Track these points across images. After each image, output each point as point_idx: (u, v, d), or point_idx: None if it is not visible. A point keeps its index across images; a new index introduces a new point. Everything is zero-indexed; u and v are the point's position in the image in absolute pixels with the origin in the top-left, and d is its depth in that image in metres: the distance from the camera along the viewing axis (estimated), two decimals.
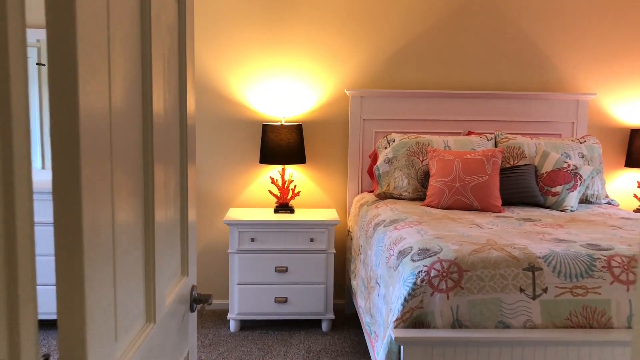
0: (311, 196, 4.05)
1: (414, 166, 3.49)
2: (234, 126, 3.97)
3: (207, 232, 4.05)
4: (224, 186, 4.02)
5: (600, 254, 2.15)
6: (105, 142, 0.82)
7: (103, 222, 0.81)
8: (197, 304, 1.42)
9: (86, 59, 0.73)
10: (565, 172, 3.35)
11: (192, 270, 1.45)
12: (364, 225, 3.22)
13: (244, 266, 3.65)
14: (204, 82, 3.92)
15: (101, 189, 0.81)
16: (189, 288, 1.40)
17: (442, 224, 2.69)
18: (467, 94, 3.93)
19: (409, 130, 3.93)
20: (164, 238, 1.18)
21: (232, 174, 4.01)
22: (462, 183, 3.21)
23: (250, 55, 3.93)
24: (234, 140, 3.98)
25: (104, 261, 0.82)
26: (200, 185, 4.00)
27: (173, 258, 1.28)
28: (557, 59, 4.03)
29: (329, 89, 3.98)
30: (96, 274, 0.78)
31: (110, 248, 0.85)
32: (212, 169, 4.00)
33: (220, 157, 3.99)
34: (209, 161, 4.00)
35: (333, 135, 4.02)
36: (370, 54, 3.97)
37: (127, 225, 0.94)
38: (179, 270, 1.35)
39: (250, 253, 3.65)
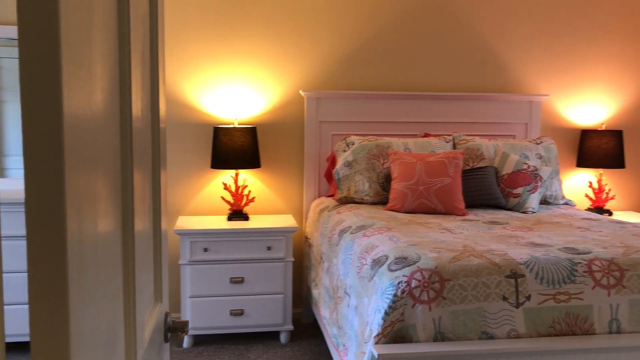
0: (266, 202, 3.88)
1: (374, 169, 3.38)
2: (183, 129, 3.74)
3: None
4: (172, 193, 3.78)
5: (580, 258, 2.10)
6: (87, 149, 0.65)
7: (87, 236, 0.66)
8: (172, 332, 1.24)
9: (70, 55, 0.57)
10: (525, 174, 3.33)
11: (166, 291, 1.26)
12: (327, 232, 3.08)
13: (197, 278, 3.43)
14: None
15: (84, 200, 0.65)
16: (163, 314, 1.22)
17: (412, 230, 2.58)
18: (424, 96, 3.87)
19: (367, 133, 3.83)
20: (142, 256, 0.99)
21: (182, 180, 3.78)
22: (425, 186, 3.13)
23: (203, 63, 3.72)
24: (183, 144, 3.75)
25: (89, 281, 0.67)
26: None
27: (149, 279, 1.10)
28: (511, 61, 4.04)
29: (283, 90, 3.82)
30: (81, 295, 0.63)
31: (94, 266, 0.69)
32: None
33: (168, 161, 3.75)
34: None
35: (289, 138, 3.86)
36: (325, 54, 3.84)
37: (106, 240, 0.77)
38: (153, 294, 1.16)
39: (203, 264, 3.43)
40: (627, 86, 4.18)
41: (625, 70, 4.16)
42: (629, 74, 4.17)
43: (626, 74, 4.17)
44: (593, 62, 4.12)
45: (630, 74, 4.17)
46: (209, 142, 3.76)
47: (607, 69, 4.14)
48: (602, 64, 4.13)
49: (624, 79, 4.17)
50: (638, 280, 2.05)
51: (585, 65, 4.12)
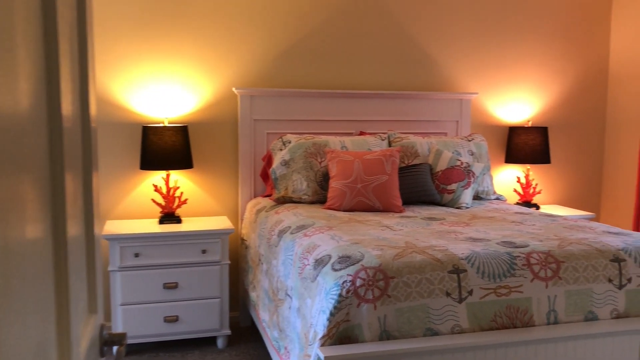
0: (200, 204, 3.75)
1: (312, 168, 3.34)
2: (111, 129, 3.55)
3: None
4: (99, 196, 3.58)
5: (519, 251, 2.14)
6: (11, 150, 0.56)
7: (13, 243, 0.57)
8: (108, 346, 1.14)
9: None
10: (459, 170, 3.39)
11: (100, 302, 1.16)
12: (265, 233, 3.01)
13: (128, 285, 3.26)
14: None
15: (9, 205, 0.56)
16: (98, 327, 1.11)
17: (353, 228, 2.56)
18: (358, 94, 3.86)
19: (303, 131, 3.78)
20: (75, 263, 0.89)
21: (109, 182, 3.59)
22: (363, 184, 3.12)
23: (132, 61, 3.55)
24: (110, 145, 3.56)
25: (16, 292, 0.58)
26: None
27: (82, 289, 1.00)
28: (442, 60, 4.11)
29: (216, 88, 3.71)
30: (7, 309, 0.54)
31: (22, 276, 0.60)
32: None
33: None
34: None
35: (222, 137, 3.76)
36: (259, 51, 3.76)
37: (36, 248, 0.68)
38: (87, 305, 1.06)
39: (134, 270, 3.27)
40: (551, 85, 4.35)
41: (550, 69, 4.34)
42: (553, 73, 4.35)
43: (550, 73, 4.34)
44: (520, 62, 4.27)
45: (554, 73, 4.35)
46: (138, 142, 3.59)
47: (532, 68, 4.30)
48: (528, 64, 4.28)
49: (549, 78, 4.34)
50: (573, 272, 2.11)
51: (512, 64, 4.26)
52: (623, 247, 2.24)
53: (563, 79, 4.38)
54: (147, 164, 3.41)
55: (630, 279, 2.17)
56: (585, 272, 2.12)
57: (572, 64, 4.39)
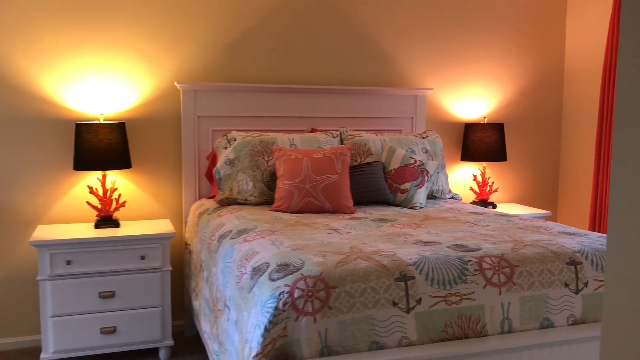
0: (140, 206, 3.52)
1: (259, 167, 3.15)
2: (41, 126, 3.29)
3: (9, 257, 3.30)
4: (29, 199, 3.31)
5: (470, 255, 1.99)
6: None
7: None
8: None
9: None
10: (412, 168, 3.25)
11: None
12: (206, 238, 2.80)
13: (59, 295, 3.01)
14: (8, 80, 3.19)
15: None
16: None
17: (298, 232, 2.38)
18: (309, 89, 3.69)
19: (250, 128, 3.58)
20: None
21: (40, 184, 3.32)
22: (312, 184, 2.94)
23: (65, 54, 3.28)
24: (41, 143, 3.30)
25: None
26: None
27: None
28: (396, 55, 3.97)
29: (157, 83, 3.47)
30: None
31: None
32: (9, 178, 3.27)
33: (21, 163, 3.28)
34: (4, 169, 3.26)
35: (164, 134, 3.53)
36: (204, 44, 3.54)
37: None
38: None
39: (66, 278, 3.02)
40: (508, 81, 4.27)
41: (506, 65, 4.25)
42: (509, 69, 4.26)
43: (506, 69, 4.25)
44: (476, 57, 4.16)
45: (510, 69, 4.26)
46: (71, 141, 3.33)
47: (488, 64, 4.20)
48: (484, 59, 4.18)
49: (505, 74, 4.25)
50: (527, 277, 1.98)
51: (468, 60, 4.15)
52: (579, 249, 2.13)
53: (519, 75, 4.30)
54: (81, 164, 3.16)
55: (587, 282, 2.05)
56: (541, 277, 1.99)
57: (528, 60, 4.31)
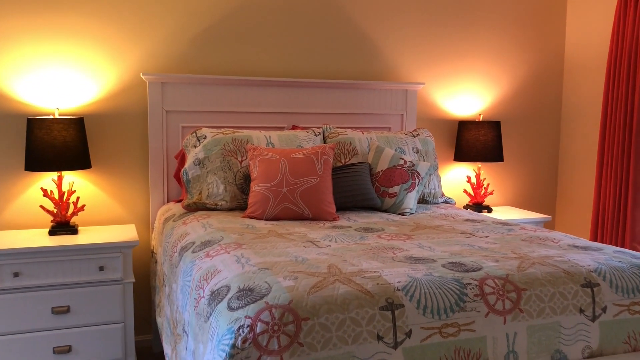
0: (102, 210, 3.18)
1: (231, 168, 2.83)
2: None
3: None
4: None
5: (470, 277, 1.69)
6: None
7: None
8: None
9: None
10: (402, 170, 2.94)
11: None
12: (169, 249, 2.48)
13: (6, 311, 2.68)
14: None
15: None
16: None
17: (269, 245, 2.06)
18: (290, 82, 3.37)
19: (224, 125, 3.26)
20: None
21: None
22: (289, 187, 2.62)
23: (16, 41, 2.94)
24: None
25: None
26: None
27: None
28: (385, 47, 3.65)
29: (120, 74, 3.14)
30: None
31: None
32: None
33: None
34: None
35: (128, 131, 3.19)
36: (173, 32, 3.21)
37: None
38: None
39: (13, 292, 2.69)
40: (504, 76, 3.97)
41: (503, 60, 3.95)
42: (506, 64, 3.96)
43: (503, 64, 3.95)
44: (471, 51, 3.86)
45: (507, 64, 3.96)
46: (23, 138, 2.99)
47: (484, 58, 3.90)
48: (480, 53, 3.88)
49: (501, 68, 3.95)
50: (537, 302, 1.68)
51: (463, 53, 3.84)
52: (595, 268, 1.83)
53: (517, 70, 4.00)
54: (33, 164, 2.82)
55: (605, 308, 1.75)
56: (552, 302, 1.69)
57: (527, 55, 4.01)
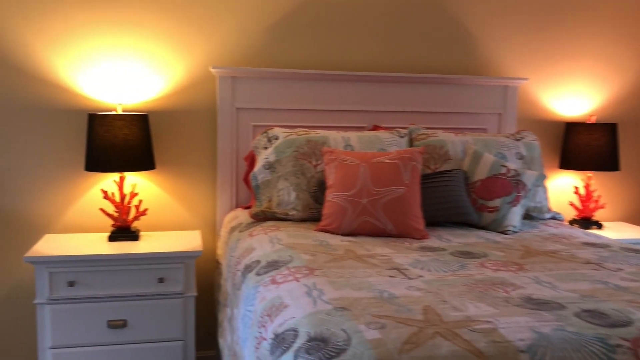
0: (165, 215, 2.94)
1: (304, 174, 2.49)
2: (54, 117, 2.76)
3: (12, 272, 2.80)
4: (35, 203, 2.79)
5: (616, 334, 1.25)
6: None
7: None
8: None
9: None
10: (504, 180, 2.50)
11: None
12: (232, 264, 2.17)
13: (60, 322, 2.48)
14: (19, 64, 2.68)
15: None
16: None
17: (347, 271, 1.70)
18: (373, 77, 2.99)
19: (298, 124, 2.93)
20: None
21: (50, 186, 2.80)
22: (370, 198, 2.25)
23: (82, 34, 2.74)
24: (52, 137, 2.77)
25: None
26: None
27: None
28: (480, 37, 3.20)
29: (188, 67, 2.88)
30: None
31: None
32: (13, 178, 2.76)
33: (27, 160, 2.76)
34: (13, 166, 2.76)
35: (195, 129, 2.93)
36: (246, 22, 2.91)
37: None
38: None
39: (68, 303, 2.48)
40: (622, 70, 3.40)
41: (618, 53, 3.38)
42: (622, 59, 3.39)
43: (618, 59, 3.39)
44: (580, 43, 3.32)
45: (622, 58, 3.39)
46: (84, 135, 2.79)
47: (599, 49, 3.35)
48: (590, 47, 3.34)
49: (619, 60, 3.39)
50: None
51: (571, 45, 3.32)
52: None
53: (636, 66, 3.42)
54: (92, 164, 2.60)
55: None
56: None
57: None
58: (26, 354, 2.84)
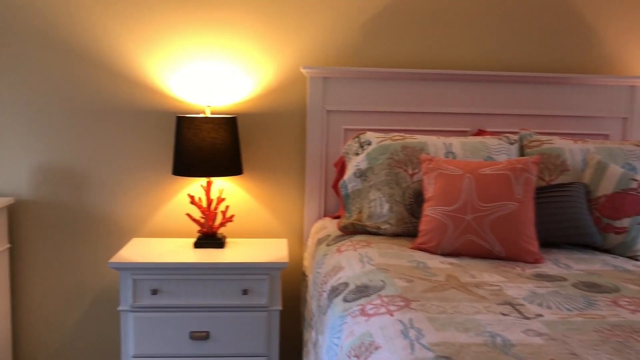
0: (251, 221, 2.81)
1: (399, 183, 2.26)
2: (144, 118, 2.72)
3: (98, 275, 2.78)
4: (125, 206, 2.76)
5: None
6: None
7: None
8: None
9: None
10: (635, 197, 2.13)
11: None
12: (318, 282, 1.99)
13: (143, 330, 2.41)
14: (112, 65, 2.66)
15: None
16: None
17: (449, 305, 1.45)
18: (477, 76, 2.70)
19: (393, 128, 2.70)
20: None
21: (138, 188, 2.75)
22: (476, 214, 1.98)
23: (172, 34, 2.67)
24: (142, 139, 2.73)
25: None
26: (85, 204, 2.74)
27: None
28: (604, 31, 2.81)
29: (278, 68, 2.73)
30: None
31: None
32: (103, 179, 2.74)
33: (118, 162, 2.73)
34: (103, 168, 2.74)
35: (284, 132, 2.78)
36: (339, 19, 2.72)
37: None
38: None
39: (151, 311, 2.41)
40: None
41: None
42: None
43: None
44: None
45: None
46: (172, 138, 2.73)
47: None
48: None
49: None
50: None
51: None
52: None
53: None
54: (180, 168, 2.52)
55: None
56: None
57: None
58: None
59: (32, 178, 2.71)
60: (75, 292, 2.77)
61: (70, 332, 2.79)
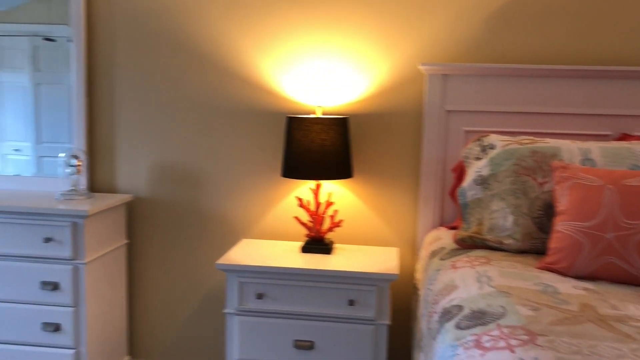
0: (361, 227, 2.68)
1: (526, 193, 2.00)
2: (257, 119, 2.69)
3: (208, 276, 2.79)
4: (234, 207, 2.75)
5: None
6: None
7: None
8: None
9: None
10: None
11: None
12: (429, 300, 1.80)
13: (248, 334, 2.37)
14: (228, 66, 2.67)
15: None
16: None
17: (585, 343, 1.21)
18: (616, 72, 2.35)
19: (520, 130, 2.43)
20: None
21: (249, 190, 2.73)
22: (619, 233, 1.69)
23: (287, 34, 2.62)
24: (255, 140, 2.70)
25: None
26: (198, 203, 2.76)
27: None
28: None
29: (393, 65, 2.57)
30: None
31: None
32: (215, 180, 2.74)
33: (231, 162, 2.72)
34: (216, 168, 2.74)
35: (398, 134, 2.61)
36: (460, 12, 2.51)
37: None
38: None
39: (256, 316, 2.36)
40: None
41: None
42: None
43: None
44: None
45: None
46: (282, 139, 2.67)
47: None
48: None
49: None
50: None
51: None
52: None
53: None
54: (289, 170, 2.45)
55: None
56: None
57: None
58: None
59: (150, 176, 2.78)
60: (186, 290, 2.81)
61: (181, 329, 2.83)
